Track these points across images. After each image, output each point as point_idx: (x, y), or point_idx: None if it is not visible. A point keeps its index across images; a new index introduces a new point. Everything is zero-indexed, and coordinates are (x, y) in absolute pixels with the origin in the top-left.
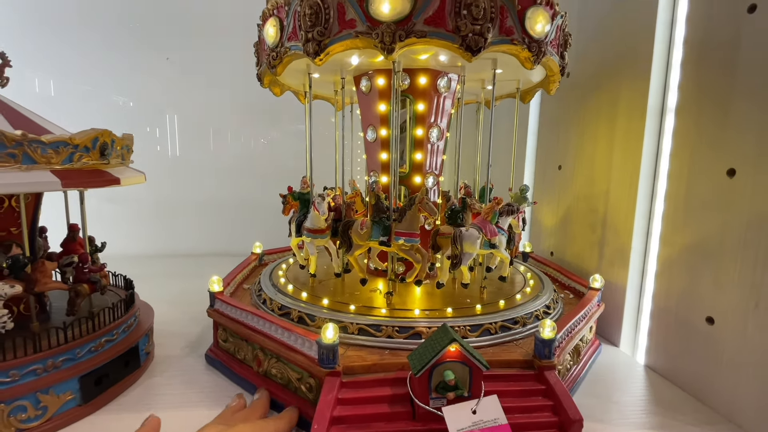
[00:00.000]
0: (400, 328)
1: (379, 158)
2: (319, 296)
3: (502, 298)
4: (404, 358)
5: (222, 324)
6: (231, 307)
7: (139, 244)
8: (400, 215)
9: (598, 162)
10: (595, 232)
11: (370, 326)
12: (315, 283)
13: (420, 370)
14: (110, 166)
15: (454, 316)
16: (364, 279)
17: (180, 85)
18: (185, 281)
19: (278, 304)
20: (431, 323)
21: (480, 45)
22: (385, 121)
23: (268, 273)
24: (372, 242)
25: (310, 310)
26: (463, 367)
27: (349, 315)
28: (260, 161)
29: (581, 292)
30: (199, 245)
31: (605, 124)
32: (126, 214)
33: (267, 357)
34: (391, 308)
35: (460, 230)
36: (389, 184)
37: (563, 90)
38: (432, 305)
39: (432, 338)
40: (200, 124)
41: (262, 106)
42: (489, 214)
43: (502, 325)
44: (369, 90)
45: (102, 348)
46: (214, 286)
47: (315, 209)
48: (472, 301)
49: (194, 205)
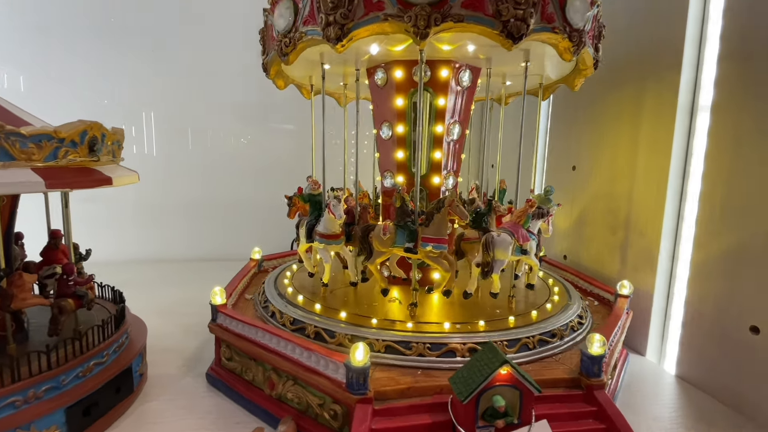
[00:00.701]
0: (432, 345)
1: (395, 157)
2: (335, 308)
3: (530, 308)
4: (440, 380)
5: (226, 341)
6: (237, 323)
7: (121, 248)
8: (427, 219)
9: (619, 161)
10: (615, 234)
11: (398, 343)
12: (326, 292)
13: (468, 397)
14: (100, 164)
15: (488, 329)
16: (385, 289)
17: (156, 82)
18: (175, 289)
19: (289, 317)
20: (465, 338)
21: (522, 32)
22: (402, 116)
23: (272, 282)
24: (396, 249)
25: (327, 325)
26: (513, 390)
27: (372, 330)
28: (246, 161)
29: (606, 299)
30: (185, 250)
31: (628, 121)
32: (106, 216)
33: (281, 379)
34: (415, 321)
35: (492, 235)
36: (406, 184)
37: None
38: (458, 317)
39: (478, 359)
40: (179, 122)
41: (246, 105)
42: (521, 218)
43: (540, 338)
44: (385, 83)
45: (90, 373)
46: (216, 298)
47: (330, 212)
48: (501, 312)
49: (179, 207)
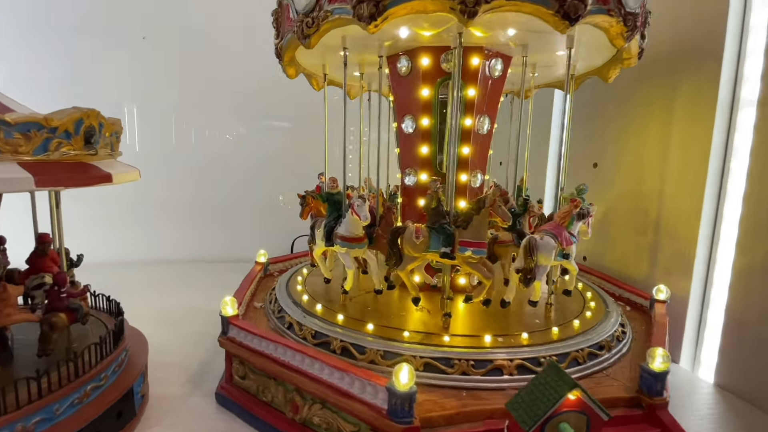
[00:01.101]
0: (476, 362)
1: (419, 153)
2: (359, 319)
3: (567, 316)
4: (489, 402)
5: (239, 356)
6: (253, 337)
7: (112, 249)
8: (465, 221)
9: (648, 158)
10: (644, 235)
11: (438, 360)
12: (346, 300)
13: (532, 426)
14: (98, 158)
15: (532, 343)
16: (416, 298)
17: (142, 75)
18: (172, 294)
19: (310, 330)
20: (510, 354)
21: (579, 12)
22: (428, 108)
23: (283, 288)
24: (430, 254)
25: (354, 339)
26: (579, 416)
27: (406, 345)
28: (243, 159)
29: (639, 305)
30: (180, 251)
31: (658, 116)
32: (95, 215)
33: (307, 402)
34: (450, 334)
35: (535, 238)
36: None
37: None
38: (494, 327)
39: (540, 382)
40: (170, 118)
41: (242, 100)
42: (566, 219)
43: (590, 352)
44: (408, 72)
45: (88, 398)
46: (227, 308)
47: (354, 213)
48: (540, 322)
49: (173, 206)
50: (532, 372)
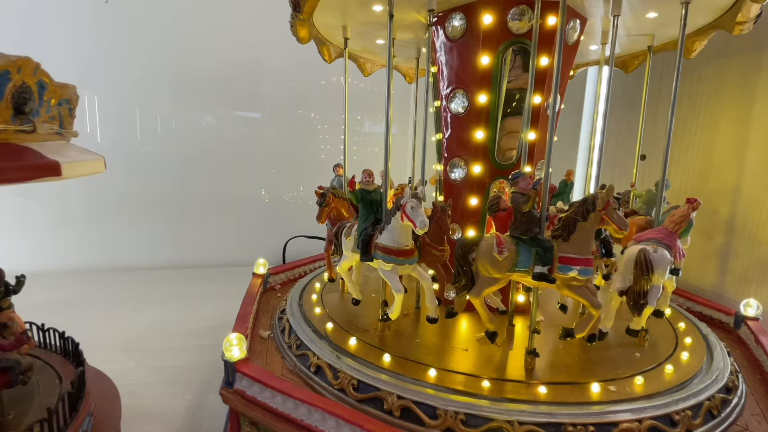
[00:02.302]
0: (596, 427)
1: (472, 138)
2: (410, 359)
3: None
4: None
5: (251, 418)
6: (273, 393)
7: (62, 256)
8: (566, 230)
9: (718, 150)
10: (711, 239)
11: (545, 427)
12: (383, 329)
13: None
14: (36, 138)
15: (650, 392)
16: (493, 333)
17: (97, 57)
18: (140, 310)
19: (350, 377)
20: (636, 412)
21: None
22: (487, 81)
23: (297, 311)
24: (517, 275)
25: (417, 394)
26: None
27: (490, 404)
28: (215, 151)
29: (717, 320)
30: (146, 256)
31: (733, 102)
32: (43, 216)
33: None
34: (542, 382)
35: (648, 251)
36: (482, 176)
37: (654, 61)
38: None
39: None
40: (132, 107)
41: (204, 87)
42: (681, 225)
43: (722, 398)
44: (462, 34)
45: None
46: (232, 351)
47: (406, 217)
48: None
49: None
50: None
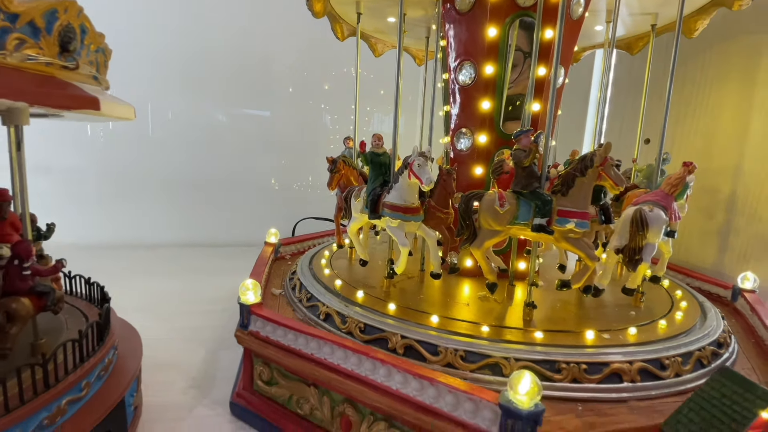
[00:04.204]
0: (589, 366)
1: (479, 109)
2: (416, 309)
3: (656, 309)
4: (616, 420)
5: (264, 356)
6: (286, 331)
7: (83, 231)
8: (565, 185)
9: (721, 130)
10: (712, 217)
11: (540, 363)
12: (389, 286)
13: None
14: (78, 76)
15: (643, 340)
16: (493, 284)
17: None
18: (158, 281)
19: (357, 322)
20: (627, 354)
21: None
22: (494, 52)
23: (307, 272)
24: (517, 227)
25: (420, 335)
26: None
27: (490, 344)
28: (236, 135)
29: (715, 295)
30: (163, 234)
31: (736, 83)
32: (64, 191)
33: (364, 418)
34: (541, 329)
35: (644, 210)
36: (488, 145)
37: (657, 43)
38: (582, 322)
39: (713, 395)
40: (153, 89)
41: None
42: (677, 187)
43: (713, 351)
44: (471, 7)
45: (62, 417)
46: (247, 295)
47: (413, 175)
48: (638, 314)
49: (155, 184)
50: (656, 378)
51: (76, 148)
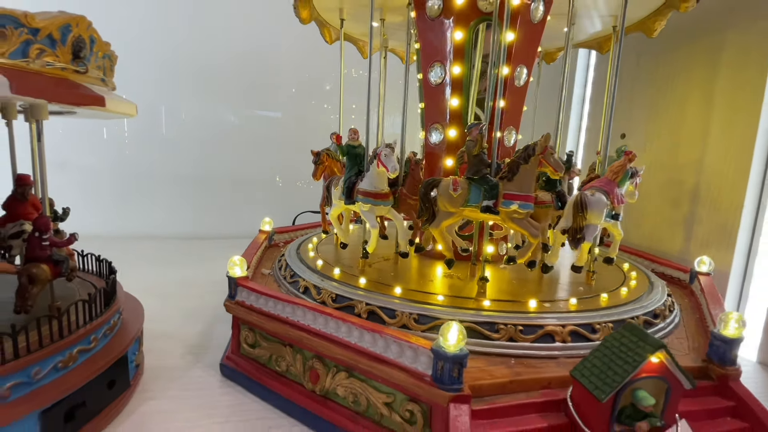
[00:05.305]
0: (525, 327)
1: (448, 106)
2: (384, 283)
3: (609, 286)
4: (541, 370)
5: (249, 322)
6: (267, 299)
7: (97, 223)
8: (510, 171)
9: (687, 126)
10: (678, 207)
11: (481, 324)
12: (365, 266)
13: (609, 394)
14: (87, 79)
15: (581, 309)
16: (450, 260)
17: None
18: (163, 268)
19: (330, 293)
20: (562, 319)
21: None
22: (460, 54)
23: (294, 254)
24: (469, 209)
25: (382, 302)
26: (658, 383)
27: (441, 309)
28: (240, 134)
29: (677, 279)
30: (171, 227)
31: (699, 80)
32: (78, 187)
33: (329, 370)
34: (490, 299)
35: (586, 194)
36: (457, 139)
37: (629, 43)
38: (534, 295)
39: (614, 344)
40: (162, 85)
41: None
42: (619, 174)
43: (645, 320)
44: (439, 13)
45: (74, 363)
46: (234, 269)
47: (380, 164)
48: (585, 290)
49: (163, 180)
50: (587, 340)
51: (93, 147)
